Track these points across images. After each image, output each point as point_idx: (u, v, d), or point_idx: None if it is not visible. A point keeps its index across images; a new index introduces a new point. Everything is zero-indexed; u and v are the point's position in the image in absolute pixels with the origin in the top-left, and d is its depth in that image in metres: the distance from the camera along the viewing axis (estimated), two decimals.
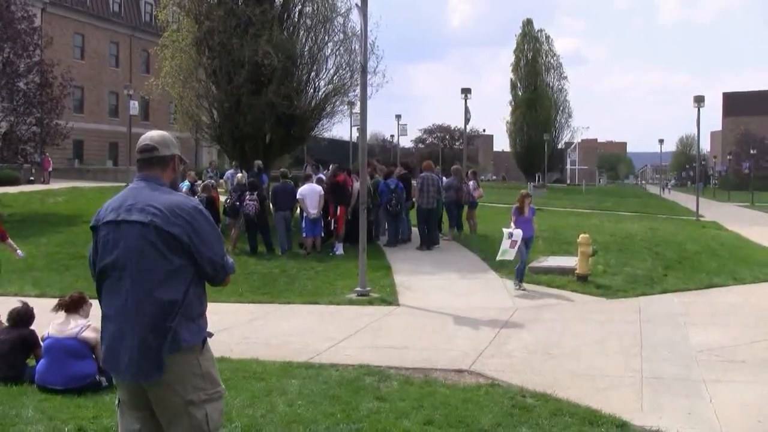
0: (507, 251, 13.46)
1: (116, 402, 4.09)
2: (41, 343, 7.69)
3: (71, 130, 29.01)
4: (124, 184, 39.98)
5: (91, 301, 7.70)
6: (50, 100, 26.45)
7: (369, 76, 15.46)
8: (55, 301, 8.09)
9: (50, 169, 41.82)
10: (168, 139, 4.07)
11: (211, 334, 3.98)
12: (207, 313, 4.00)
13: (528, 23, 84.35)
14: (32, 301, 11.09)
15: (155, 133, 4.09)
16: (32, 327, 7.99)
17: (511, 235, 13.40)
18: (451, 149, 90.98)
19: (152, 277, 3.72)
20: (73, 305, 7.67)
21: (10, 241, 11.19)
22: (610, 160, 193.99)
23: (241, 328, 10.71)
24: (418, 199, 19.00)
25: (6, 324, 8.10)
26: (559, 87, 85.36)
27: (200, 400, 3.82)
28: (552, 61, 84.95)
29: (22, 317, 7.88)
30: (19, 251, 11.29)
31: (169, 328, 3.71)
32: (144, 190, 3.90)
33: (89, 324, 7.45)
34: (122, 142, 54.24)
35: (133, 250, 3.76)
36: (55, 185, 37.95)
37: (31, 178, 39.30)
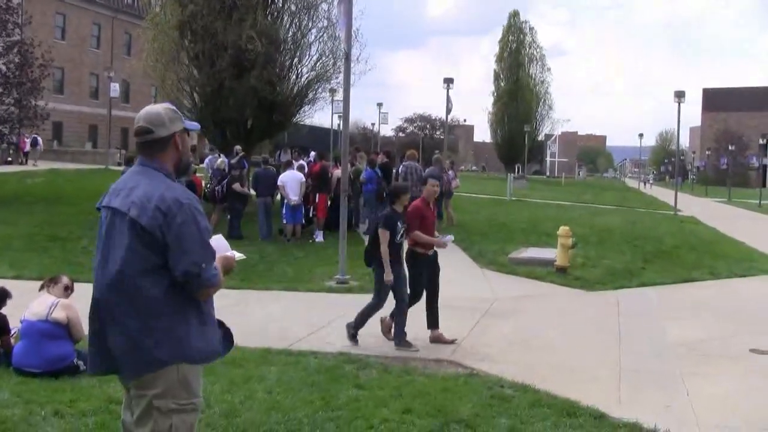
0: None
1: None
2: (10, 329, 7.57)
3: (51, 111, 28.68)
4: (103, 166, 39.92)
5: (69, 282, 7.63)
6: (30, 80, 26.11)
7: (352, 64, 15.38)
8: (32, 283, 8.01)
9: (27, 149, 41.40)
10: (164, 115, 3.61)
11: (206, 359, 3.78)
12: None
13: (515, 14, 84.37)
14: (9, 283, 10.97)
15: (149, 111, 3.62)
16: (9, 309, 7.87)
17: None
18: (431, 138, 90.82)
19: (126, 271, 3.42)
20: (45, 285, 7.59)
21: None
22: (590, 153, 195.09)
23: (219, 313, 10.59)
24: None
25: None
26: (541, 79, 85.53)
27: (168, 409, 3.47)
28: (535, 52, 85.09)
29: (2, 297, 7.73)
30: None
31: (146, 330, 3.44)
32: (136, 176, 3.60)
33: (57, 301, 7.26)
34: (102, 125, 53.81)
35: (111, 240, 3.50)
36: (33, 166, 37.61)
37: (9, 159, 38.87)
